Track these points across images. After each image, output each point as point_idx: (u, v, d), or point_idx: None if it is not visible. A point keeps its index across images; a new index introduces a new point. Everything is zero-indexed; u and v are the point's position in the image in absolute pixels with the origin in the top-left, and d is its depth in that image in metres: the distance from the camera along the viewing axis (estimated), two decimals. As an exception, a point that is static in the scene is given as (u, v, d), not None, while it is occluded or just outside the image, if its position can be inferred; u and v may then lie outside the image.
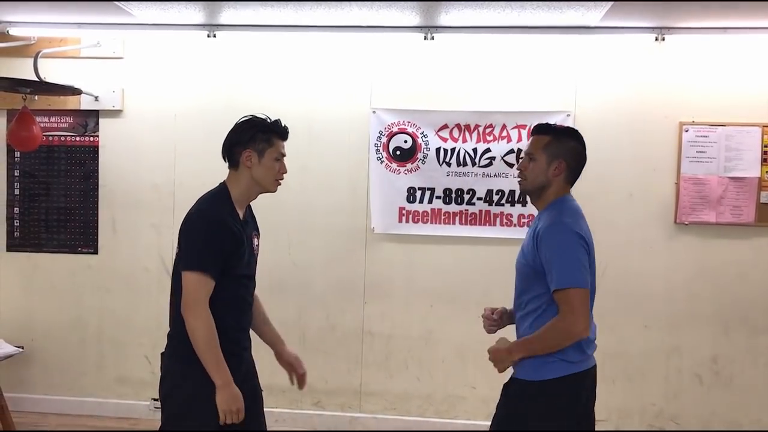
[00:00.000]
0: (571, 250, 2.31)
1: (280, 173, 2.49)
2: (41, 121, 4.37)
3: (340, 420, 4.37)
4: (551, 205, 2.45)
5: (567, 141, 2.47)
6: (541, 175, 2.45)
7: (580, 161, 2.51)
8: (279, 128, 2.49)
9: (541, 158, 2.45)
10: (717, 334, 4.13)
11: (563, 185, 2.47)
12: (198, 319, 2.28)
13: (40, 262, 4.56)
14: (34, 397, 4.56)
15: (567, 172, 2.46)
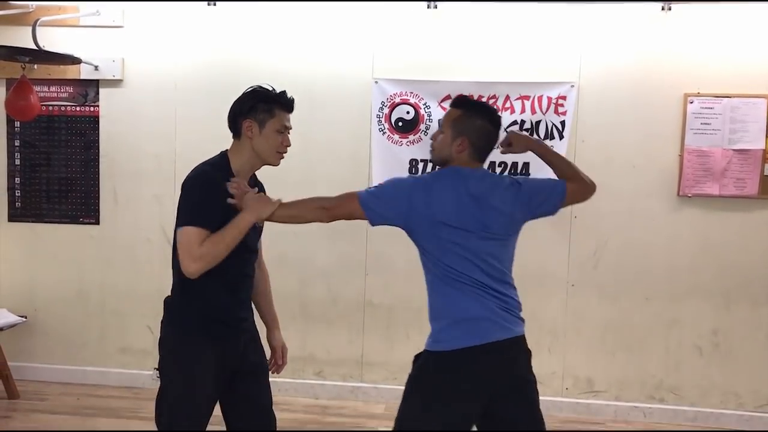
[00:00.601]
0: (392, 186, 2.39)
1: (283, 146, 2.43)
2: (41, 91, 4.34)
3: (341, 389, 4.40)
4: (444, 168, 2.47)
5: (475, 119, 2.42)
6: (445, 149, 2.44)
7: (488, 141, 2.46)
8: (282, 99, 2.43)
9: (447, 132, 2.43)
10: (718, 306, 4.14)
11: (468, 161, 2.43)
12: (200, 259, 2.22)
13: (42, 233, 4.56)
14: (37, 366, 4.59)
15: (470, 150, 2.42)
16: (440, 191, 2.35)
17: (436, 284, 2.41)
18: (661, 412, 4.19)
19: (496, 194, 2.42)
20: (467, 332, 2.33)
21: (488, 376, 2.35)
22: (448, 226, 2.33)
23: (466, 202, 2.36)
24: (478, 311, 2.34)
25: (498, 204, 2.41)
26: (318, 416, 4.13)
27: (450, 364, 2.33)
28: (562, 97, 4.08)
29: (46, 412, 4.07)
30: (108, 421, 3.94)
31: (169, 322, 2.45)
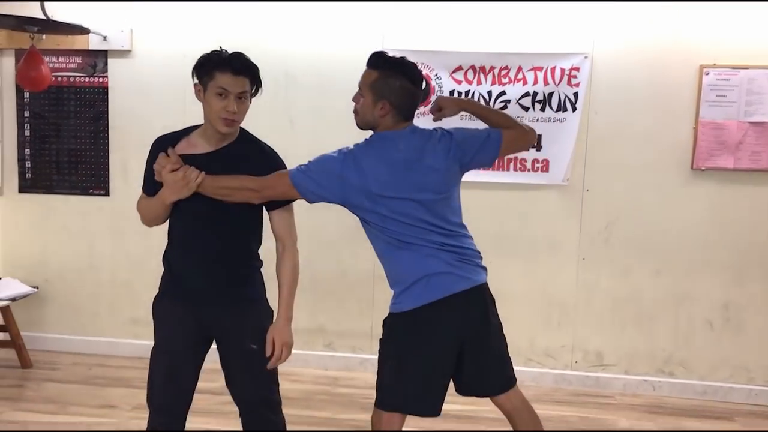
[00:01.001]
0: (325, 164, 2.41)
1: (225, 110, 2.28)
2: (49, 62, 4.32)
3: (351, 361, 4.42)
4: (368, 137, 2.47)
5: (394, 80, 2.36)
6: (368, 114, 2.41)
7: (410, 100, 2.41)
8: (219, 59, 2.29)
9: (367, 96, 2.39)
10: (730, 280, 4.11)
11: (393, 124, 2.41)
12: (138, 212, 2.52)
13: (53, 204, 4.57)
14: (49, 336, 4.63)
15: (394, 112, 2.39)
16: (371, 165, 2.33)
17: (387, 252, 2.42)
18: (670, 386, 4.19)
19: (427, 151, 2.41)
20: (427, 289, 2.35)
21: (454, 327, 2.39)
22: (386, 197, 2.33)
23: (399, 169, 2.35)
24: (434, 268, 2.36)
25: (431, 162, 2.40)
26: (328, 387, 4.16)
27: (415, 322, 2.37)
28: (575, 68, 4.02)
29: (59, 382, 4.12)
30: (120, 391, 3.98)
31: None
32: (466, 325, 2.42)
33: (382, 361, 2.47)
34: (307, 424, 3.57)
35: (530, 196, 4.19)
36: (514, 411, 2.57)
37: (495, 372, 2.55)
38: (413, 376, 2.39)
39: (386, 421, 2.43)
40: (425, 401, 2.42)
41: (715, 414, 3.96)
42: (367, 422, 3.65)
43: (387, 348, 2.46)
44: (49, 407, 3.74)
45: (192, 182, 2.30)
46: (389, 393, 2.43)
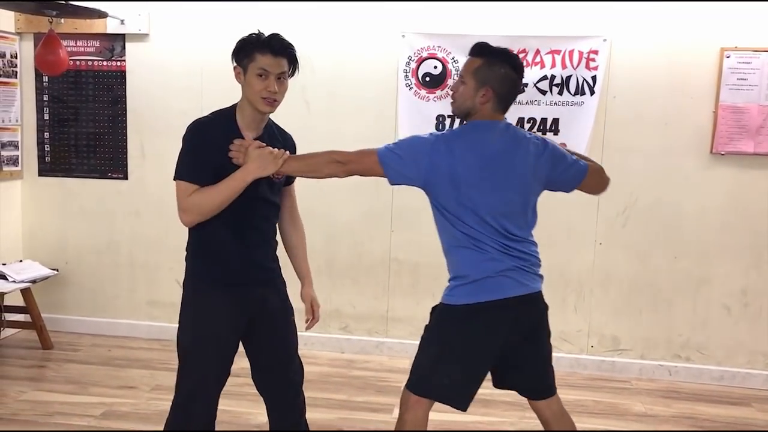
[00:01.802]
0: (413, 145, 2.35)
1: (267, 91, 2.30)
2: (68, 45, 4.34)
3: (367, 344, 4.45)
4: (464, 124, 2.42)
5: (498, 67, 2.34)
6: (468, 100, 2.36)
7: (512, 89, 2.39)
8: (262, 42, 2.31)
9: (470, 83, 2.35)
10: (748, 266, 4.08)
11: (491, 113, 2.37)
12: (188, 211, 2.31)
13: (72, 187, 4.61)
14: (69, 318, 4.69)
15: (495, 100, 2.35)
16: (462, 149, 2.31)
17: (454, 245, 2.39)
18: (686, 371, 4.18)
19: (520, 150, 2.39)
20: (484, 288, 2.35)
21: (503, 330, 2.39)
22: (469, 185, 2.30)
23: (490, 161, 2.33)
24: (495, 269, 2.35)
25: (521, 162, 2.38)
26: (344, 370, 4.19)
27: (465, 317, 2.36)
28: (593, 51, 3.98)
29: (79, 363, 4.18)
30: (139, 372, 4.03)
31: (186, 276, 2.49)
32: (516, 330, 2.42)
33: (424, 347, 2.45)
34: (324, 406, 3.60)
35: (547, 181, 4.17)
36: (552, 418, 2.56)
37: (537, 378, 2.54)
38: (453, 368, 2.38)
39: (415, 404, 2.42)
40: (458, 394, 2.42)
41: (732, 399, 3.95)
42: (383, 404, 3.69)
43: (431, 335, 2.44)
44: (69, 388, 3.80)
45: (280, 158, 2.32)
46: (424, 379, 2.42)
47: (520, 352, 2.46)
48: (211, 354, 2.42)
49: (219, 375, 2.45)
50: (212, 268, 2.43)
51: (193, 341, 2.42)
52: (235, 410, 3.48)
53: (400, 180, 2.36)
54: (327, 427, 3.39)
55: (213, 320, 2.40)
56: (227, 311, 2.41)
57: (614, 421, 3.61)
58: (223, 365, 2.45)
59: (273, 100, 2.34)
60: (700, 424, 3.61)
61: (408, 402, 2.43)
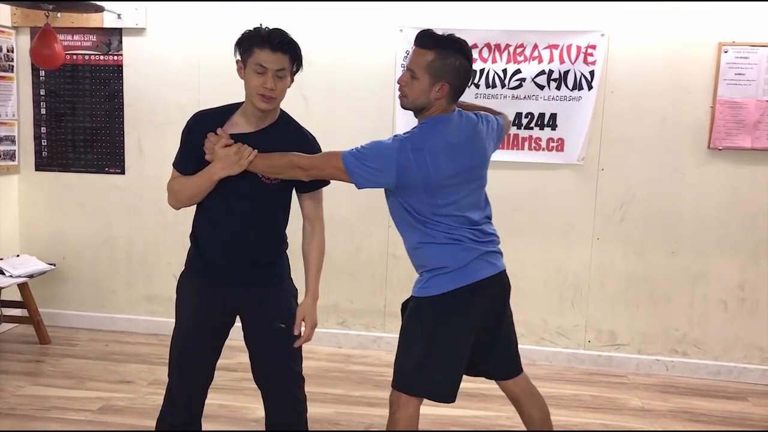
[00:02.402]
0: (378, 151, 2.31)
1: (263, 87, 2.26)
2: (64, 40, 4.33)
3: (364, 339, 4.45)
4: (420, 124, 2.39)
5: (452, 59, 2.30)
6: (422, 96, 2.32)
7: (466, 78, 2.37)
8: (260, 37, 2.26)
9: (423, 78, 2.30)
10: (745, 261, 4.09)
11: (445, 106, 2.36)
12: (169, 194, 2.47)
13: (69, 182, 4.60)
14: (66, 313, 4.69)
15: (450, 93, 2.33)
16: (432, 154, 2.28)
17: (427, 242, 2.39)
18: (683, 366, 4.19)
19: (477, 137, 2.42)
20: (461, 275, 2.36)
21: (480, 312, 2.42)
22: (443, 186, 2.31)
23: (457, 154, 2.33)
24: (471, 257, 2.37)
25: (479, 148, 2.43)
26: (342, 365, 4.19)
27: (445, 305, 2.37)
28: (591, 46, 3.98)
29: (77, 357, 4.17)
30: (136, 367, 4.03)
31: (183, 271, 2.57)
32: (489, 310, 2.45)
33: (407, 345, 2.44)
34: (321, 401, 3.61)
35: (545, 176, 4.17)
36: (522, 395, 2.61)
37: (507, 357, 2.58)
38: (441, 362, 2.39)
39: (406, 403, 2.43)
40: (448, 387, 2.43)
41: (728, 394, 3.96)
42: (381, 399, 3.69)
43: (413, 332, 2.44)
44: (67, 382, 3.80)
45: (245, 159, 2.30)
46: (414, 378, 2.42)
47: (492, 333, 2.49)
48: (180, 338, 2.52)
49: (189, 357, 2.51)
50: (195, 255, 2.49)
51: (175, 326, 2.54)
52: (233, 405, 3.48)
53: (366, 185, 2.35)
54: (325, 421, 3.40)
55: (186, 305, 2.50)
56: (199, 299, 2.46)
57: (611, 416, 3.61)
58: (193, 348, 2.50)
59: (270, 97, 2.30)
60: (696, 419, 3.62)
61: (398, 401, 2.44)
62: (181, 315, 2.53)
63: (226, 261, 2.43)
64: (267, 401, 2.62)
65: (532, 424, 2.62)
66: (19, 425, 3.27)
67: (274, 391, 2.58)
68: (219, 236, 2.42)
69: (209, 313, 2.46)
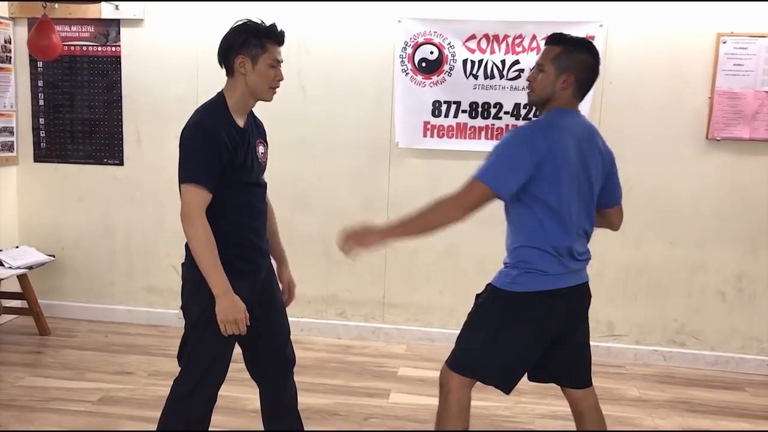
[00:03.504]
0: (505, 149, 2.28)
1: (276, 81, 2.37)
2: (62, 31, 4.32)
3: (363, 330, 4.47)
4: (547, 113, 2.39)
5: (579, 53, 2.36)
6: (548, 87, 2.36)
7: (591, 75, 2.40)
8: (273, 33, 2.34)
9: (550, 70, 2.35)
10: (744, 252, 4.10)
11: (570, 100, 2.38)
12: (193, 228, 2.24)
13: (68, 173, 4.60)
14: (66, 304, 4.70)
15: (575, 86, 2.36)
16: (559, 132, 2.31)
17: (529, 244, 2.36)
18: (681, 356, 4.21)
19: (595, 140, 2.44)
20: (549, 279, 2.37)
21: (558, 319, 2.44)
22: (567, 168, 2.30)
23: (578, 145, 2.34)
24: (563, 270, 2.38)
25: (597, 152, 2.42)
26: (341, 355, 4.20)
27: (525, 305, 2.38)
28: (590, 36, 3.94)
29: (76, 348, 4.18)
30: (136, 358, 4.04)
31: (189, 265, 2.39)
32: (568, 319, 2.48)
33: (474, 329, 2.45)
34: (321, 392, 3.62)
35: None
36: (588, 410, 2.62)
37: (579, 365, 2.59)
38: (505, 352, 2.41)
39: (458, 385, 2.43)
40: (507, 377, 2.45)
41: (726, 384, 3.98)
42: (380, 389, 3.71)
43: (485, 319, 2.44)
44: (67, 373, 3.81)
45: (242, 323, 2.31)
46: (474, 360, 2.43)
47: (568, 338, 2.50)
48: (228, 343, 2.44)
49: (230, 359, 2.50)
50: (231, 257, 2.35)
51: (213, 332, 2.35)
52: (232, 395, 3.49)
53: (511, 186, 2.28)
54: (324, 412, 3.41)
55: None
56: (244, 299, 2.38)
57: (610, 406, 3.62)
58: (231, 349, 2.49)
59: (275, 89, 2.41)
60: (694, 409, 3.63)
61: (450, 383, 2.44)
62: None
63: (256, 252, 2.48)
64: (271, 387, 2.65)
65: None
66: (19, 416, 3.28)
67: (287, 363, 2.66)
68: (251, 230, 2.45)
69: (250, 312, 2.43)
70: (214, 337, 2.34)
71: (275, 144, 2.81)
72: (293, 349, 2.69)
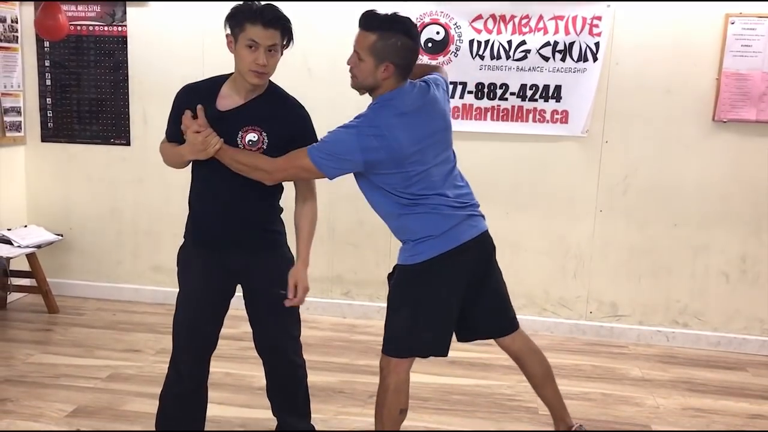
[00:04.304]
0: (335, 134, 2.37)
1: (255, 63, 2.27)
2: (68, 10, 4.33)
3: (368, 309, 4.50)
4: (372, 104, 2.44)
5: (394, 39, 2.33)
6: (369, 77, 2.38)
7: (411, 57, 2.40)
8: (249, 11, 2.26)
9: (368, 60, 2.36)
10: (748, 233, 4.10)
11: (395, 83, 2.40)
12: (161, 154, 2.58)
13: (75, 153, 4.63)
14: (74, 283, 4.75)
15: (397, 72, 2.37)
16: (389, 129, 2.33)
17: (399, 210, 2.45)
18: (683, 337, 4.23)
19: (431, 101, 2.46)
20: (441, 240, 2.44)
21: (465, 272, 2.51)
22: (409, 155, 2.35)
23: (412, 121, 2.37)
24: (448, 223, 2.45)
25: (437, 112, 2.47)
26: (345, 334, 4.25)
27: (431, 271, 2.45)
28: (597, 17, 3.96)
29: (85, 326, 4.24)
30: (144, 336, 4.09)
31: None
32: (476, 270, 2.55)
33: (395, 311, 2.54)
34: (326, 370, 3.66)
35: (549, 148, 4.18)
36: (521, 353, 2.72)
37: (499, 314, 2.68)
38: (430, 322, 2.49)
39: (396, 367, 2.53)
40: (439, 343, 2.54)
41: (728, 364, 4.00)
42: (384, 368, 3.74)
43: (402, 298, 2.53)
44: (76, 351, 3.87)
45: (210, 148, 2.33)
46: (404, 341, 2.52)
47: (478, 289, 2.57)
48: (184, 308, 2.57)
49: (192, 326, 2.57)
50: (191, 223, 2.54)
51: (178, 296, 2.59)
52: (238, 373, 3.54)
53: (338, 174, 2.41)
54: (329, 389, 3.45)
55: (187, 275, 2.56)
56: (204, 267, 2.49)
57: (611, 385, 3.66)
58: (196, 317, 2.56)
59: (262, 73, 2.32)
60: (695, 389, 3.66)
61: (388, 366, 2.53)
62: (184, 285, 2.58)
63: (220, 225, 2.46)
64: (268, 367, 2.70)
65: (534, 380, 2.74)
66: (30, 392, 3.34)
67: (274, 356, 2.66)
68: (214, 203, 2.46)
69: (211, 281, 2.51)
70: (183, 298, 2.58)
71: (281, 124, 2.82)
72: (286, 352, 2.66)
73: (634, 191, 4.16)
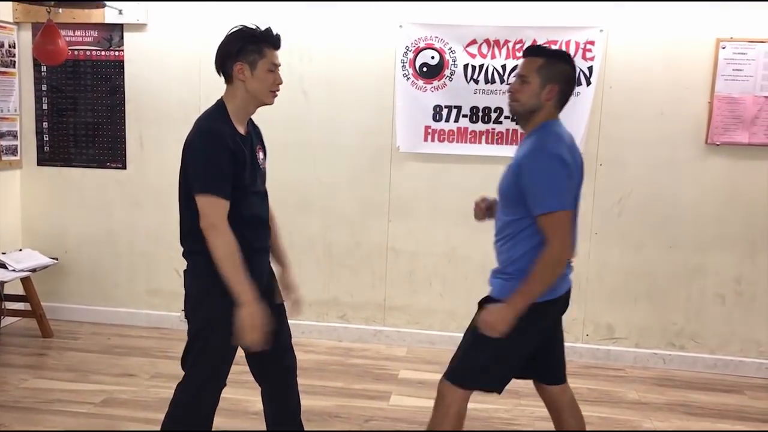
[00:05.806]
0: (552, 174, 2.31)
1: (275, 84, 2.39)
2: (66, 35, 4.35)
3: (364, 333, 4.49)
4: (537, 130, 2.42)
5: (560, 64, 2.42)
6: (533, 98, 2.40)
7: (571, 85, 2.47)
8: (270, 37, 2.36)
9: (534, 81, 2.40)
10: (743, 255, 4.12)
11: (553, 110, 2.44)
12: (218, 238, 2.25)
13: (71, 177, 4.63)
14: (69, 307, 4.73)
15: (559, 96, 2.42)
16: (570, 156, 2.37)
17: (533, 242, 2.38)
18: (680, 359, 4.22)
19: (576, 145, 2.51)
20: (549, 288, 2.38)
21: (552, 323, 2.56)
22: (575, 181, 2.43)
23: (574, 154, 2.43)
24: (566, 271, 2.48)
25: (578, 154, 2.49)
26: (341, 358, 4.23)
27: (530, 316, 2.37)
28: (590, 42, 4.00)
29: (79, 351, 4.21)
30: (138, 360, 4.07)
31: (192, 273, 2.42)
32: (558, 319, 2.60)
33: (482, 346, 2.45)
34: (322, 394, 3.64)
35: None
36: (566, 406, 2.67)
37: (558, 361, 2.67)
38: (509, 364, 2.49)
39: (460, 398, 2.48)
40: (505, 382, 2.53)
41: (725, 387, 3.99)
42: (380, 392, 3.72)
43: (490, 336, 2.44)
44: (70, 375, 3.84)
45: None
46: (478, 376, 2.48)
47: (549, 338, 2.58)
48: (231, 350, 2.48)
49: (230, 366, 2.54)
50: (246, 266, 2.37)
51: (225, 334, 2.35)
52: (233, 398, 3.51)
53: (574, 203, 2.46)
54: (325, 414, 3.43)
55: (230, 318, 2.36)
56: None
57: (608, 409, 3.65)
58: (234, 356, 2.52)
59: (276, 92, 2.42)
60: (693, 412, 3.65)
61: (453, 395, 2.48)
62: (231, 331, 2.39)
63: (261, 260, 2.52)
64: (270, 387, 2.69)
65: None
66: (23, 418, 3.31)
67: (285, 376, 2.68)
68: (257, 238, 2.46)
69: None
70: (221, 344, 2.37)
71: (277, 148, 2.85)
72: (295, 354, 2.71)
73: (628, 213, 4.18)
